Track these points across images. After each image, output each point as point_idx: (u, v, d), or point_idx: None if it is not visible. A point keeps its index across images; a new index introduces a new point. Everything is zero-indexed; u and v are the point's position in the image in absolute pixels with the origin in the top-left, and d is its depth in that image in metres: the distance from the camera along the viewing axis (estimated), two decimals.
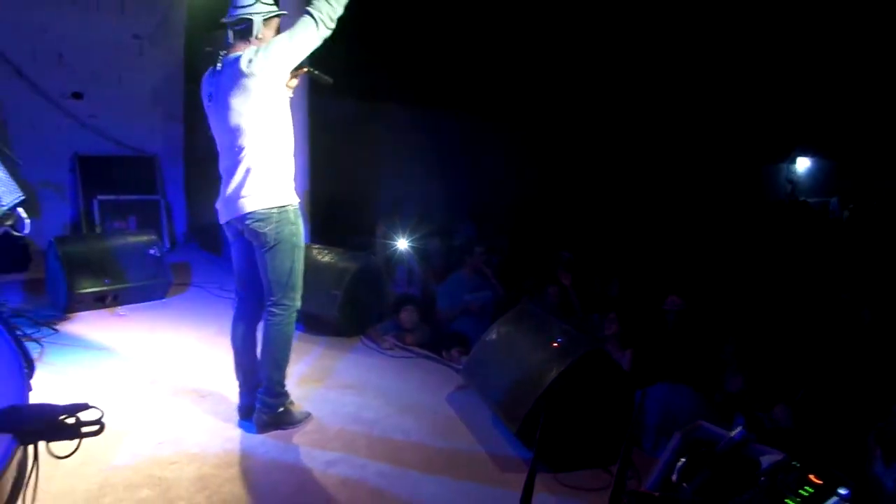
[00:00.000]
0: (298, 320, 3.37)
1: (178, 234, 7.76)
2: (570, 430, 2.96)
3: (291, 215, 3.13)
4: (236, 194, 3.08)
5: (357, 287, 4.75)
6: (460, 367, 4.10)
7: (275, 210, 3.07)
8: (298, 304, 3.25)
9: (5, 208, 3.09)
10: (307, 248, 3.95)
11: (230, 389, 3.74)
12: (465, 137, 5.45)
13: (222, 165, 3.18)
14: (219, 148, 3.19)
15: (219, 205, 3.23)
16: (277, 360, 3.25)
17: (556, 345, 3.21)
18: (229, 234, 3.31)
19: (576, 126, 4.91)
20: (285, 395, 3.33)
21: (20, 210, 3.29)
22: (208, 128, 3.23)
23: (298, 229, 3.18)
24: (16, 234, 3.36)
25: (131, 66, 7.35)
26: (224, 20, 3.11)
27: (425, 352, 4.50)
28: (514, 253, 5.70)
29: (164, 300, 5.47)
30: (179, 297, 5.67)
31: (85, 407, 1.42)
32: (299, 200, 3.22)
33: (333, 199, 3.37)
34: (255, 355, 3.35)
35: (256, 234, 3.10)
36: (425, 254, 5.72)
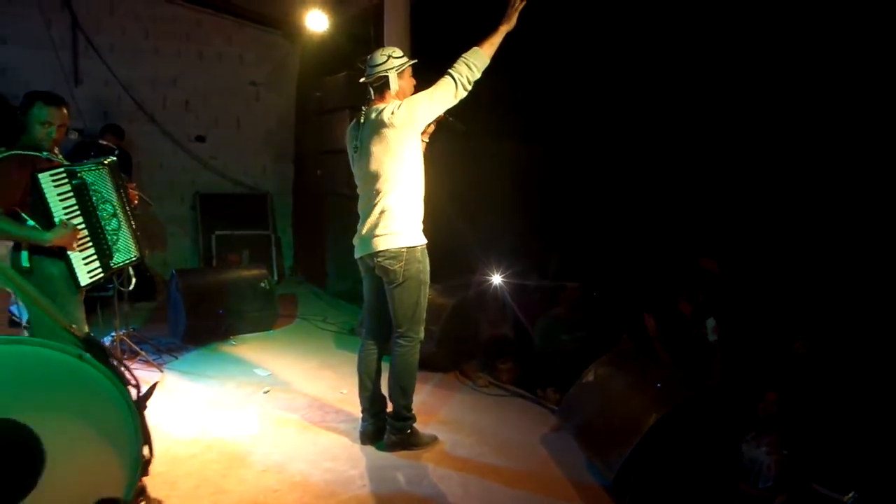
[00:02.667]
0: None
1: (284, 267, 8.19)
2: (669, 480, 2.85)
3: (419, 254, 3.34)
4: (371, 233, 3.32)
5: (453, 323, 4.82)
6: (555, 407, 4.05)
7: (404, 249, 3.29)
8: (422, 335, 3.48)
9: (117, 265, 3.38)
10: None
11: (332, 421, 3.90)
12: (556, 169, 5.40)
13: (360, 206, 3.44)
14: (359, 191, 3.46)
15: (355, 241, 3.48)
16: (403, 388, 3.48)
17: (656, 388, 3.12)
18: (362, 269, 3.54)
19: (690, 156, 4.68)
20: (412, 418, 3.56)
21: (130, 270, 3.59)
22: (351, 174, 3.52)
23: (425, 267, 3.38)
24: (120, 288, 3.65)
25: (248, 110, 7.95)
26: (363, 80, 3.39)
27: (520, 390, 4.47)
28: (612, 287, 5.49)
29: (271, 331, 5.77)
30: (286, 328, 5.96)
31: None
32: (426, 241, 3.39)
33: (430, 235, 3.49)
34: (380, 383, 3.60)
35: (386, 270, 3.32)
36: (521, 289, 5.69)
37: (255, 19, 7.60)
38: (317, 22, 6.09)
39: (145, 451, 1.55)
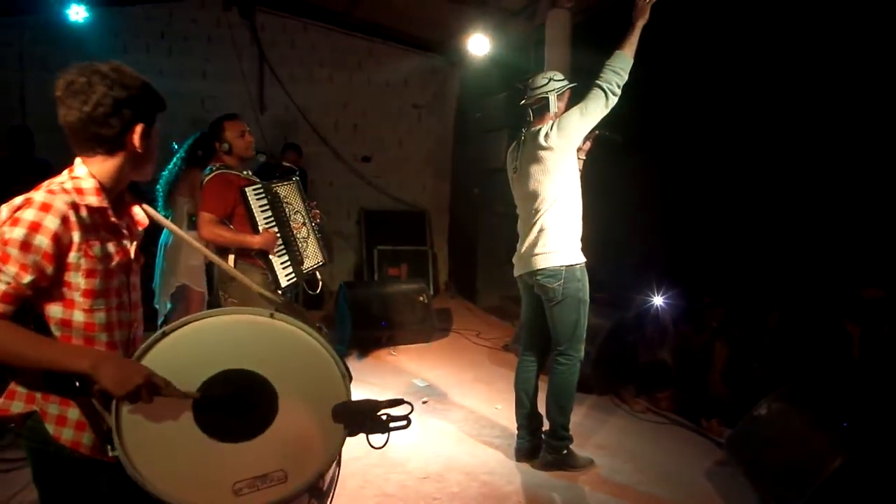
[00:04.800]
0: None
1: (440, 282, 8.46)
2: None
3: (578, 273, 3.35)
4: (530, 252, 3.38)
5: (610, 345, 4.72)
6: (720, 439, 3.83)
7: (563, 268, 3.31)
8: (582, 354, 3.45)
9: (308, 270, 3.68)
10: None
11: (488, 435, 3.98)
12: (709, 185, 5.06)
13: (520, 226, 3.53)
14: (518, 211, 3.56)
15: (514, 260, 3.56)
16: (561, 406, 3.47)
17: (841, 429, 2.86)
18: (521, 287, 3.61)
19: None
20: (569, 438, 3.53)
21: (317, 273, 3.87)
22: (506, 192, 3.64)
23: (584, 285, 3.38)
24: (309, 291, 3.94)
25: (410, 131, 8.38)
26: (523, 102, 3.48)
27: (681, 419, 4.27)
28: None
29: (428, 343, 5.98)
30: (441, 341, 6.15)
31: (401, 402, 1.64)
32: (585, 260, 3.40)
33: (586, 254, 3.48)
34: (537, 400, 3.63)
35: (545, 288, 3.35)
36: (683, 311, 5.43)
37: (421, 45, 7.99)
38: (478, 46, 6.29)
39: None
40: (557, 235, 3.32)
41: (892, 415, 3.34)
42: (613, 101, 3.21)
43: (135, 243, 1.69)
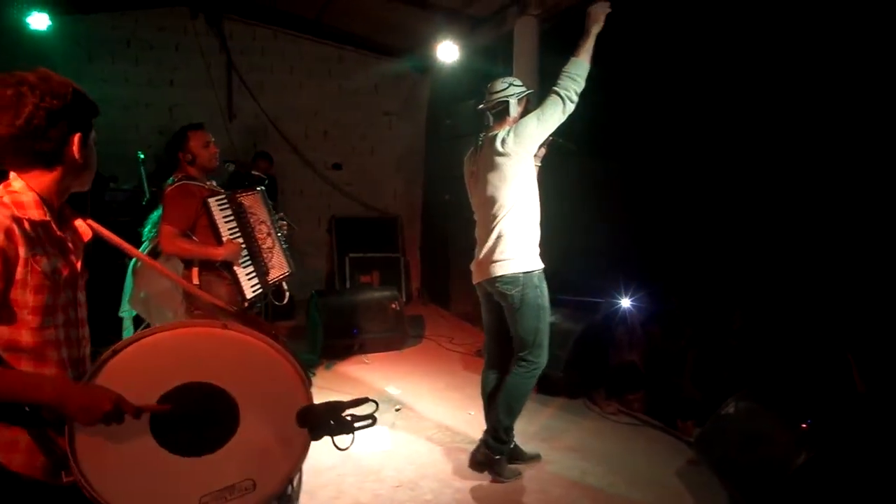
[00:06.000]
0: None
1: (412, 289, 8.45)
2: None
3: (536, 279, 3.34)
4: (487, 259, 3.37)
5: (581, 347, 4.75)
6: (690, 439, 3.88)
7: (521, 274, 3.30)
8: (543, 361, 3.42)
9: (274, 280, 3.64)
10: None
11: (461, 442, 3.97)
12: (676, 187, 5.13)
13: (477, 232, 3.52)
14: (476, 217, 3.55)
15: (472, 267, 3.55)
16: (510, 406, 3.44)
17: (805, 426, 2.91)
18: (480, 294, 3.59)
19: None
20: (508, 442, 3.50)
21: (284, 284, 3.84)
22: (468, 200, 3.63)
23: (543, 291, 3.37)
24: (276, 302, 3.90)
25: (381, 138, 8.38)
26: (481, 107, 3.49)
27: (653, 420, 4.32)
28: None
29: (400, 351, 5.97)
30: (414, 348, 6.14)
31: (365, 400, 1.63)
32: (543, 266, 3.40)
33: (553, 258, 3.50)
34: None
35: (504, 295, 3.35)
36: (651, 313, 5.49)
37: (391, 52, 8.00)
38: (448, 53, 6.32)
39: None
40: (515, 242, 3.31)
41: (852, 410, 3.42)
42: (571, 107, 3.21)
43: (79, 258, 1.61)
